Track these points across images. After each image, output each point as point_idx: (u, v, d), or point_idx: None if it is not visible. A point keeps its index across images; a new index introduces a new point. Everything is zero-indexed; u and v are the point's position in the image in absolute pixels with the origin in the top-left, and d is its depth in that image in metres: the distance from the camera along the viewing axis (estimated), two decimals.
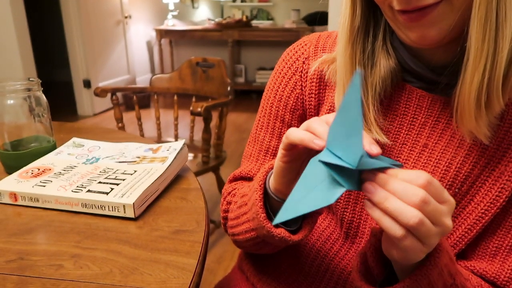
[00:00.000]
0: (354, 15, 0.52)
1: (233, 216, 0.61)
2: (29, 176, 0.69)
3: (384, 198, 0.37)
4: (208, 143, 1.73)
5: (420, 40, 0.47)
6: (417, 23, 0.46)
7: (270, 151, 0.66)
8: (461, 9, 0.44)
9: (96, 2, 4.05)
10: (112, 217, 0.61)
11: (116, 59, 4.48)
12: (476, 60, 0.44)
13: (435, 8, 0.44)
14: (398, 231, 0.37)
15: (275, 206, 0.52)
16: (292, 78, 0.63)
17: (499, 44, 0.43)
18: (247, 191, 0.57)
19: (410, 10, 0.45)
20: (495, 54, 0.43)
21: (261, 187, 0.52)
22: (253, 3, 7.24)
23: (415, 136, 0.55)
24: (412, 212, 0.36)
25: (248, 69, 4.99)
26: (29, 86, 0.76)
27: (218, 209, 2.24)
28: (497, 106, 0.46)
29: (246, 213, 0.56)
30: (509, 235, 0.52)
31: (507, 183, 0.51)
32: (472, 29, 0.43)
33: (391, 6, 0.47)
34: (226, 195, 0.68)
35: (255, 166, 0.67)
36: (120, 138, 0.95)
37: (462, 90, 0.46)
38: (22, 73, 3.03)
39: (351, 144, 0.37)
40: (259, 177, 0.53)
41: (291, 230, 0.52)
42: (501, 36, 0.42)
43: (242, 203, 0.58)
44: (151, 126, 3.55)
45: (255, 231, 0.54)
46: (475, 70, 0.44)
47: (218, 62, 1.87)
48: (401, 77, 0.55)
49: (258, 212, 0.51)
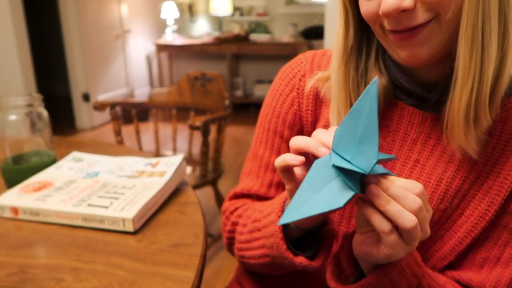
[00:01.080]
0: (347, 35, 0.54)
1: (243, 239, 0.61)
2: (30, 190, 0.70)
3: (387, 201, 0.39)
4: (206, 156, 1.74)
5: (410, 59, 0.49)
6: (408, 42, 0.48)
7: (270, 166, 0.67)
8: (449, 29, 0.46)
9: (96, 16, 4.11)
10: (112, 231, 0.62)
11: (115, 73, 4.52)
12: (464, 79, 0.46)
13: (424, 28, 0.46)
14: (386, 227, 0.40)
15: (293, 234, 0.53)
16: (290, 95, 0.64)
17: (485, 64, 0.45)
18: (259, 217, 0.57)
19: (401, 30, 0.47)
20: (481, 73, 0.45)
21: (280, 218, 0.52)
22: (251, 17, 7.33)
23: (407, 151, 0.57)
24: (410, 216, 0.39)
25: (246, 82, 5.03)
26: (31, 102, 0.77)
27: (216, 222, 2.24)
28: (485, 122, 0.48)
29: (259, 239, 0.56)
30: (496, 247, 0.54)
31: (496, 197, 0.52)
32: (460, 49, 0.45)
33: (382, 25, 0.49)
34: (228, 214, 0.68)
35: (256, 182, 0.68)
36: (120, 152, 0.97)
37: (452, 107, 0.48)
38: (22, 86, 3.05)
39: (364, 150, 0.38)
40: (276, 208, 0.53)
41: (309, 256, 0.53)
42: (486, 56, 0.45)
43: (254, 228, 0.58)
44: (149, 140, 3.56)
45: (269, 257, 0.55)
46: (464, 88, 0.46)
47: (216, 76, 1.89)
48: (393, 94, 0.56)
49: (278, 243, 0.51)
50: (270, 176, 0.66)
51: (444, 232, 0.55)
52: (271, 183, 0.66)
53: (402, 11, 0.45)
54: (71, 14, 3.81)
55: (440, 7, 0.44)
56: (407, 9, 0.45)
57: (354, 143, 0.39)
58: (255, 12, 7.35)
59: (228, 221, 0.67)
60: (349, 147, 0.39)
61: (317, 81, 0.61)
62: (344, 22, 0.54)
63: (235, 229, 0.65)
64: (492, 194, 0.53)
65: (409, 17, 0.46)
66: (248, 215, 0.62)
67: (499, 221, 0.54)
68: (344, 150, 0.40)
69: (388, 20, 0.47)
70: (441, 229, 0.55)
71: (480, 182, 0.53)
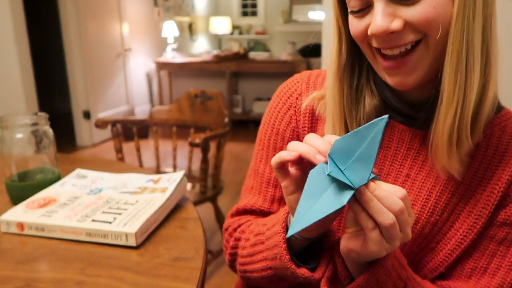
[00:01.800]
0: (341, 52, 0.57)
1: (245, 253, 0.62)
2: (35, 206, 0.72)
3: (370, 199, 0.42)
4: (206, 173, 1.76)
5: (398, 86, 0.52)
6: (397, 70, 0.51)
7: (272, 182, 0.68)
8: (436, 51, 0.49)
9: (98, 35, 4.18)
10: (115, 246, 0.64)
11: (115, 91, 4.57)
12: (449, 103, 0.49)
13: (413, 54, 0.49)
14: (370, 224, 0.43)
15: (296, 246, 0.55)
16: (287, 113, 0.67)
17: (468, 90, 0.48)
18: (262, 230, 0.59)
19: (390, 55, 0.50)
20: (464, 98, 0.48)
21: (284, 229, 0.54)
22: (250, 35, 7.46)
23: (398, 167, 0.59)
24: (389, 215, 0.42)
25: (245, 100, 5.08)
26: (37, 121, 0.80)
27: (215, 239, 2.25)
28: (466, 145, 0.51)
29: (262, 252, 0.58)
30: (483, 257, 0.56)
31: (483, 210, 0.55)
32: (445, 74, 0.48)
33: (370, 44, 0.52)
34: (231, 230, 0.69)
35: (259, 198, 0.69)
36: (122, 169, 0.99)
37: (437, 129, 0.51)
38: (24, 103, 3.09)
39: (358, 169, 0.42)
40: (281, 219, 0.55)
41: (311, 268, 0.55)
42: (469, 82, 0.48)
43: (257, 241, 0.60)
44: (149, 157, 3.58)
45: (272, 269, 0.56)
46: (448, 111, 0.49)
47: (216, 94, 1.93)
48: (384, 113, 0.59)
49: (282, 254, 0.53)
50: (272, 191, 0.68)
51: (435, 245, 0.58)
52: (273, 198, 0.68)
53: (391, 33, 0.48)
54: (73, 32, 3.88)
55: (428, 28, 0.47)
56: (396, 31, 0.48)
57: (350, 159, 0.42)
58: (254, 31, 7.49)
59: (231, 238, 0.68)
60: (345, 160, 0.43)
61: (313, 99, 0.64)
62: (338, 40, 0.56)
63: (238, 244, 0.66)
64: (480, 207, 0.55)
65: (397, 37, 0.48)
66: (251, 230, 0.64)
67: (486, 233, 0.56)
68: (339, 161, 0.43)
69: (376, 39, 0.50)
70: (432, 242, 0.58)
71: (468, 196, 0.56)
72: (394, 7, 0.47)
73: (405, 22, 0.47)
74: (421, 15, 0.46)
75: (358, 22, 0.51)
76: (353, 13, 0.51)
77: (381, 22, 0.47)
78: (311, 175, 0.44)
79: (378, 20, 0.47)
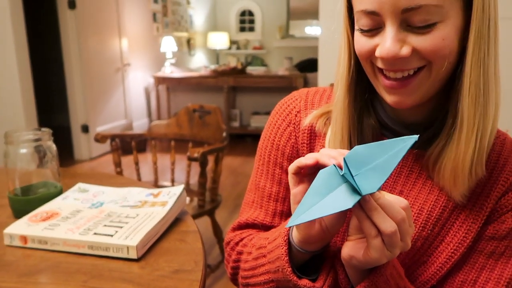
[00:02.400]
0: (350, 66, 0.58)
1: (248, 266, 0.64)
2: (38, 220, 0.74)
3: (374, 208, 0.44)
4: (204, 187, 1.78)
5: (397, 105, 0.54)
6: (398, 90, 0.53)
7: (273, 196, 0.70)
8: (436, 78, 0.51)
9: (98, 50, 4.23)
10: (116, 258, 0.65)
11: (114, 105, 4.60)
12: (469, 134, 0.51)
13: (416, 77, 0.51)
14: (373, 231, 0.45)
15: (298, 259, 0.56)
16: (287, 129, 0.69)
17: (486, 121, 0.51)
18: (264, 243, 0.60)
19: (392, 78, 0.52)
20: (484, 129, 0.51)
21: (286, 242, 0.55)
22: (248, 50, 7.56)
23: (392, 183, 0.62)
24: (391, 223, 0.44)
25: (243, 114, 5.12)
26: (41, 136, 0.82)
27: (213, 253, 2.25)
28: (480, 172, 0.54)
29: (264, 265, 0.59)
30: (473, 270, 0.58)
31: (473, 225, 0.57)
32: (464, 105, 0.51)
33: (373, 63, 0.54)
34: (233, 244, 0.69)
35: (260, 212, 0.70)
36: (122, 183, 1.01)
37: (456, 158, 0.53)
38: (23, 116, 3.11)
39: (371, 177, 0.44)
40: (283, 232, 0.56)
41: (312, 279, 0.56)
42: (487, 114, 0.51)
43: (259, 255, 0.61)
44: (147, 170, 3.59)
45: (275, 282, 0.58)
46: (469, 143, 0.52)
47: (214, 109, 1.96)
48: (380, 132, 0.61)
49: (284, 266, 0.54)
50: (274, 205, 0.69)
51: (426, 258, 0.60)
52: (275, 212, 0.69)
53: (399, 58, 0.50)
54: (73, 47, 3.93)
55: (434, 57, 0.50)
56: (404, 57, 0.50)
57: (367, 167, 0.44)
58: (252, 46, 7.58)
59: (233, 251, 0.69)
60: (359, 166, 0.45)
61: (313, 117, 0.66)
62: (348, 55, 0.58)
63: (240, 258, 0.67)
64: (469, 222, 0.57)
65: (403, 62, 0.50)
66: (253, 244, 0.65)
67: (475, 247, 0.58)
68: (353, 166, 0.45)
69: (382, 61, 0.52)
70: (424, 255, 0.60)
71: (458, 211, 0.58)
72: (405, 34, 0.49)
73: (413, 49, 0.49)
74: (430, 45, 0.49)
75: (366, 41, 0.53)
76: (362, 32, 0.53)
77: (392, 47, 0.49)
78: (320, 174, 0.46)
79: (388, 44, 0.49)
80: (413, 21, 0.48)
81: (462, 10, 0.49)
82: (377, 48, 0.51)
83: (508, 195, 0.57)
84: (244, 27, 7.64)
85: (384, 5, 0.48)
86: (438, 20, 0.48)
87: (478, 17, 0.48)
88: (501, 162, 0.58)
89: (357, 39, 0.54)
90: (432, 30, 0.48)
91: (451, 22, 0.49)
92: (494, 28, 0.50)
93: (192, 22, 6.68)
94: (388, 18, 0.49)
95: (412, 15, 0.48)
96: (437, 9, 0.47)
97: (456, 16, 0.49)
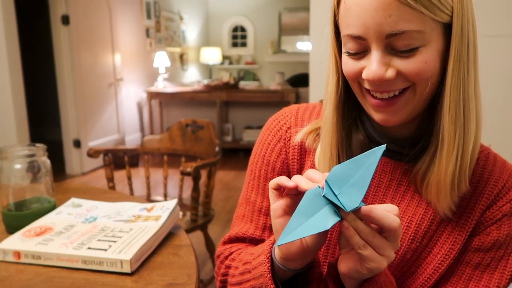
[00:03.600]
0: (338, 86, 0.61)
1: (234, 281, 0.65)
2: (31, 235, 0.74)
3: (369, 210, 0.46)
4: (197, 201, 1.78)
5: (384, 122, 0.57)
6: (385, 109, 0.55)
7: (263, 211, 0.71)
8: (421, 98, 0.54)
9: (91, 65, 4.25)
10: (110, 273, 0.66)
11: (106, 120, 4.60)
12: (449, 151, 0.54)
13: (401, 97, 0.54)
14: (360, 242, 0.47)
15: (280, 275, 0.58)
16: (277, 145, 0.71)
17: (466, 139, 0.54)
18: (250, 259, 0.62)
19: (379, 98, 0.55)
20: (464, 147, 0.54)
21: (269, 259, 0.57)
22: (240, 65, 7.63)
23: (381, 197, 0.63)
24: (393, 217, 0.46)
25: (235, 128, 5.15)
26: (35, 152, 0.83)
27: (206, 267, 2.24)
28: (464, 187, 0.56)
29: (250, 281, 0.60)
30: (460, 281, 0.60)
31: (458, 237, 0.59)
32: (445, 123, 0.53)
33: (360, 84, 0.56)
34: (223, 258, 0.71)
35: (250, 226, 0.72)
36: (114, 198, 1.02)
37: (439, 174, 0.55)
38: (15, 132, 3.10)
39: (352, 194, 0.46)
40: (266, 249, 0.58)
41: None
42: (467, 132, 0.54)
43: (244, 270, 0.62)
44: (139, 185, 3.58)
45: None
46: (449, 159, 0.54)
47: (207, 124, 1.98)
48: (369, 147, 0.63)
49: (267, 283, 0.56)
50: (264, 219, 0.71)
51: (415, 269, 0.61)
52: (265, 226, 0.71)
53: (384, 80, 0.52)
54: (65, 61, 3.94)
55: (417, 79, 0.52)
56: (389, 79, 0.52)
57: (346, 184, 0.47)
58: (244, 61, 7.66)
59: (222, 265, 0.70)
60: (340, 185, 0.47)
61: (304, 134, 0.68)
62: (336, 76, 0.60)
63: (228, 272, 0.68)
64: (455, 234, 0.59)
65: (388, 84, 0.53)
66: (241, 258, 0.66)
67: (462, 258, 0.60)
68: (335, 186, 0.47)
69: (369, 83, 0.54)
70: (412, 266, 0.61)
71: (445, 224, 0.60)
72: (390, 57, 0.52)
73: (398, 72, 0.52)
74: (413, 68, 0.51)
75: (353, 63, 0.55)
76: (349, 55, 0.56)
77: (377, 70, 0.52)
78: (306, 195, 0.48)
79: (374, 68, 0.52)
80: (397, 45, 0.51)
81: (442, 34, 0.52)
82: (364, 70, 0.54)
83: (492, 208, 0.59)
84: (237, 43, 7.73)
85: (369, 31, 0.51)
86: (420, 45, 0.51)
87: (457, 40, 0.51)
88: (485, 176, 0.60)
89: (345, 61, 0.57)
90: (415, 54, 0.51)
91: (433, 46, 0.51)
92: (474, 50, 0.53)
93: (185, 38, 6.75)
94: (374, 42, 0.52)
95: (395, 40, 0.50)
96: (419, 34, 0.50)
97: (437, 40, 0.52)
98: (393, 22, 0.49)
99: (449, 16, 0.50)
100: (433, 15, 0.49)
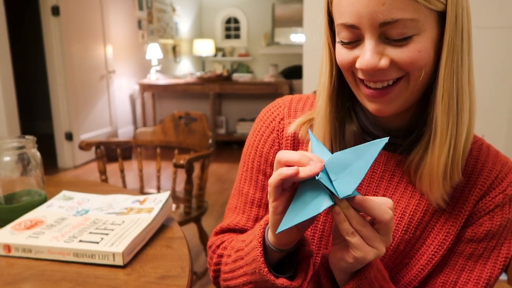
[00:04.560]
0: (332, 77, 0.60)
1: (227, 269, 0.65)
2: (22, 228, 0.73)
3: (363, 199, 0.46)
4: (190, 194, 1.78)
5: (377, 112, 0.56)
6: (378, 99, 0.55)
7: (256, 202, 0.71)
8: (414, 87, 0.54)
9: (82, 57, 4.19)
10: (102, 265, 0.65)
11: (98, 112, 4.56)
12: (442, 141, 0.54)
13: (395, 87, 0.53)
14: (349, 228, 0.47)
15: (273, 259, 0.57)
16: (270, 136, 0.70)
17: (459, 129, 0.53)
18: (242, 246, 0.62)
19: (373, 87, 0.54)
20: (457, 137, 0.54)
21: (261, 243, 0.56)
22: (234, 57, 7.58)
23: (375, 188, 0.63)
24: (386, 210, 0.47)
25: (229, 121, 5.13)
26: (25, 144, 0.82)
27: (200, 260, 2.24)
28: (457, 177, 0.56)
29: (243, 267, 0.60)
30: (453, 272, 0.60)
31: (452, 227, 0.59)
32: (438, 113, 0.53)
33: (354, 73, 0.56)
34: (214, 248, 0.71)
35: (242, 217, 0.72)
36: (107, 190, 1.01)
37: (431, 164, 0.55)
38: (5, 125, 3.06)
39: (347, 181, 0.46)
40: (258, 234, 0.57)
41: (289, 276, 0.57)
42: (460, 122, 0.53)
43: (237, 257, 0.62)
44: (132, 178, 3.56)
45: (253, 283, 0.59)
46: (442, 149, 0.54)
47: (200, 116, 1.97)
48: (362, 138, 0.63)
49: (260, 267, 0.56)
50: (256, 211, 0.71)
51: (408, 260, 0.61)
52: (257, 218, 0.71)
53: (377, 69, 0.52)
54: (56, 53, 3.89)
55: (411, 68, 0.52)
56: (382, 68, 0.52)
57: (343, 171, 0.47)
58: (237, 53, 7.61)
59: (214, 255, 0.70)
60: (337, 172, 0.47)
61: (297, 125, 0.67)
62: (329, 66, 0.60)
63: (220, 261, 0.68)
64: (449, 225, 0.59)
65: (382, 73, 0.52)
66: (232, 246, 0.66)
67: (455, 249, 0.60)
68: (332, 172, 0.47)
69: (363, 72, 0.54)
70: (406, 258, 0.61)
71: (438, 215, 0.60)
72: (383, 46, 0.52)
73: (391, 61, 0.52)
74: (407, 57, 0.51)
75: (347, 53, 0.55)
76: (343, 44, 0.55)
77: (371, 59, 0.51)
78: (303, 183, 0.49)
79: (368, 57, 0.51)
80: (391, 34, 0.50)
81: (436, 23, 0.51)
82: (357, 60, 0.53)
83: (485, 199, 0.59)
84: (230, 34, 7.67)
85: (363, 19, 0.50)
86: (414, 33, 0.50)
87: (451, 29, 0.51)
88: (479, 167, 0.60)
89: (339, 51, 0.56)
90: (409, 42, 0.50)
91: (427, 34, 0.51)
92: (468, 40, 0.52)
93: (177, 29, 6.68)
94: (367, 31, 0.51)
95: (389, 29, 0.50)
96: (413, 23, 0.49)
97: (431, 29, 0.51)
98: (387, 10, 0.48)
99: (443, 5, 0.50)
100: (427, 3, 0.49)
